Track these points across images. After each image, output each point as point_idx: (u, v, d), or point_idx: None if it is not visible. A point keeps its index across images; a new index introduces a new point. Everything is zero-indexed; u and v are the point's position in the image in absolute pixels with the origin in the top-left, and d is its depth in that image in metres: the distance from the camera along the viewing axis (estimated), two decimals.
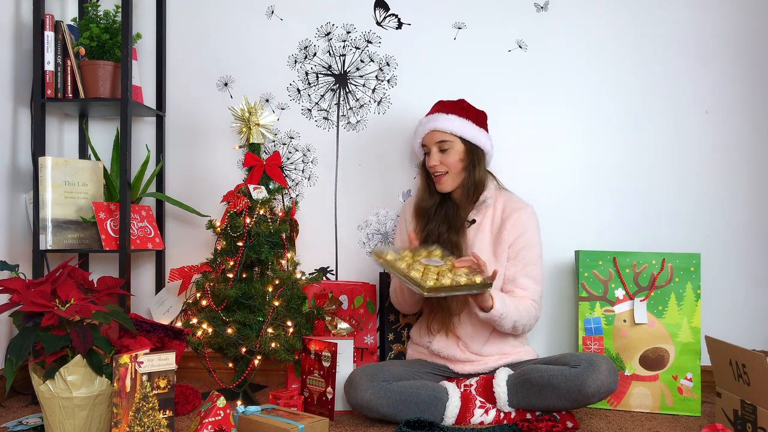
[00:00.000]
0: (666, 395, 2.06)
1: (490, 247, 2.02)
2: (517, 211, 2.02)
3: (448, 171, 2.02)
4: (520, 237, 2.00)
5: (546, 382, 1.81)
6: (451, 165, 2.02)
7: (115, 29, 2.19)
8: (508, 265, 2.00)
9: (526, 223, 2.01)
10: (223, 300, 2.04)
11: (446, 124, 2.01)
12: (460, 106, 2.05)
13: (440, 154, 2.02)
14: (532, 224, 2.02)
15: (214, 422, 1.60)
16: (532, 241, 2.01)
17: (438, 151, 2.02)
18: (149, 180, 2.33)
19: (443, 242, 2.00)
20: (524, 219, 2.02)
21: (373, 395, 1.81)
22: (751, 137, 2.36)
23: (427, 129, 2.04)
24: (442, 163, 2.02)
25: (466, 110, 2.04)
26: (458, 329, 2.00)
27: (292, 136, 2.47)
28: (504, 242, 2.01)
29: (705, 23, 2.37)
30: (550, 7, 2.41)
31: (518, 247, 2.00)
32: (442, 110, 2.04)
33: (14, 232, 2.18)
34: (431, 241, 2.01)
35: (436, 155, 2.02)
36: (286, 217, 2.18)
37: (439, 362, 2.04)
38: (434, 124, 2.02)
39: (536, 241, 2.02)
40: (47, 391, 1.62)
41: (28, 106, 2.24)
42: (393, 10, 2.45)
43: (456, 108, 2.04)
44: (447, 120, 2.01)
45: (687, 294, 2.07)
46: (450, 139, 2.01)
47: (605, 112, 2.40)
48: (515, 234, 2.00)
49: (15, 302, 1.62)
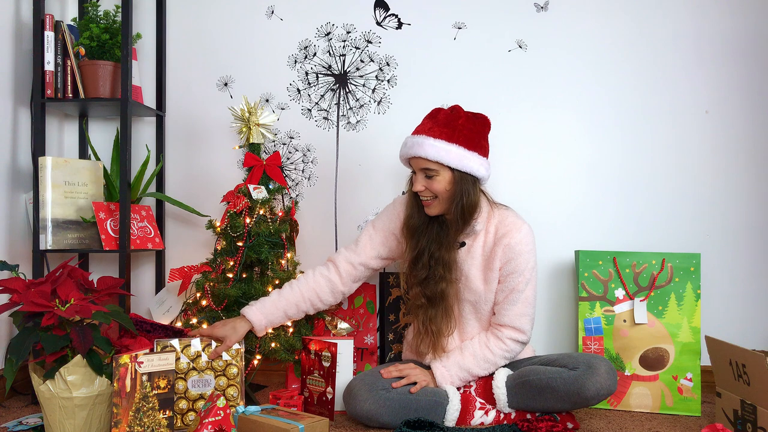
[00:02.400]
0: (666, 395, 2.06)
1: (480, 272, 1.93)
2: (508, 236, 1.88)
3: (437, 196, 1.86)
4: (510, 262, 1.88)
5: (545, 384, 1.81)
6: (439, 192, 1.85)
7: (115, 29, 2.19)
8: (497, 288, 1.91)
9: (517, 248, 1.87)
10: (223, 300, 2.04)
11: (431, 151, 1.80)
12: (452, 126, 1.83)
13: (426, 180, 1.85)
14: (524, 249, 1.88)
15: (214, 422, 1.60)
16: (522, 267, 1.88)
17: (424, 177, 1.85)
18: (149, 180, 2.33)
19: (435, 260, 1.90)
20: (515, 244, 1.87)
21: (373, 405, 1.80)
22: (751, 137, 2.36)
23: (410, 154, 1.85)
24: (428, 189, 1.86)
25: (458, 131, 1.83)
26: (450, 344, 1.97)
27: (292, 136, 2.47)
28: (494, 267, 1.90)
29: (705, 23, 2.37)
30: (550, 7, 2.41)
31: (506, 272, 1.89)
32: (430, 133, 1.83)
33: (14, 232, 2.18)
34: (422, 262, 1.91)
35: (421, 181, 1.85)
36: (286, 217, 2.18)
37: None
38: (418, 150, 1.82)
39: (527, 266, 1.88)
40: (47, 391, 1.62)
41: (28, 106, 2.24)
42: (393, 10, 2.45)
43: (447, 130, 1.83)
44: (432, 147, 1.80)
45: (687, 294, 2.07)
46: (435, 167, 1.82)
47: (605, 111, 2.40)
48: (505, 259, 1.88)
49: (15, 302, 1.62)
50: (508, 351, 1.92)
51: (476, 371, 1.91)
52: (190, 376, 1.81)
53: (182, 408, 1.80)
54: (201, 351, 1.83)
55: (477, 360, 1.91)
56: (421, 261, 1.92)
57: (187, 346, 1.82)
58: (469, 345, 1.94)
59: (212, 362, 1.83)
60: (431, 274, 1.90)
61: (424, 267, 1.91)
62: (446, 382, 1.90)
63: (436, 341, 1.92)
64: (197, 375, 1.82)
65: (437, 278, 1.89)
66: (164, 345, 1.80)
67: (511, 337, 1.91)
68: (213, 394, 1.81)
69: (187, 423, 1.80)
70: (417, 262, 1.92)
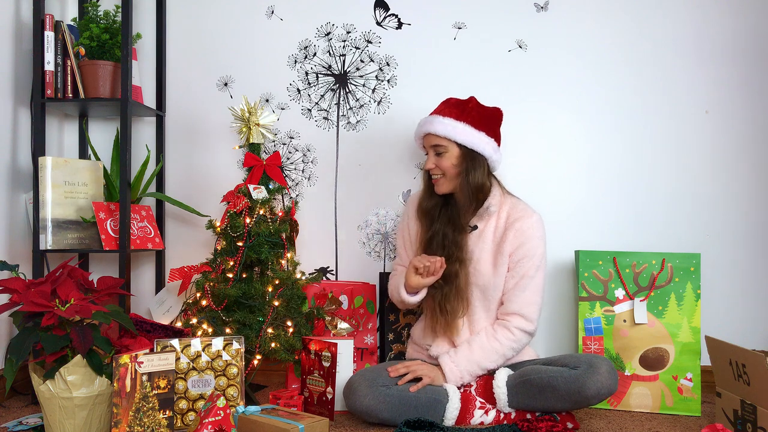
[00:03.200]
0: (666, 395, 2.06)
1: (491, 256, 1.98)
2: (520, 221, 1.95)
3: (444, 174, 1.99)
4: (521, 247, 1.94)
5: (546, 383, 1.81)
6: (446, 169, 1.97)
7: (115, 29, 2.19)
8: (507, 275, 1.96)
9: (528, 232, 1.94)
10: (223, 300, 2.04)
11: (439, 128, 1.95)
12: (462, 107, 1.97)
13: (436, 158, 1.98)
14: (535, 234, 1.95)
15: (214, 422, 1.60)
16: (532, 252, 1.94)
17: (434, 154, 1.99)
18: (149, 180, 2.33)
19: (448, 243, 1.98)
20: (526, 228, 1.94)
21: (373, 401, 1.80)
22: (751, 137, 2.36)
23: (421, 131, 2.01)
24: (438, 166, 1.98)
25: (467, 112, 1.96)
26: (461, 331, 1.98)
27: (292, 136, 2.47)
28: (504, 252, 1.95)
29: (705, 23, 2.37)
30: (550, 7, 2.41)
31: (517, 258, 1.94)
32: (440, 112, 1.98)
33: (14, 232, 2.18)
34: (436, 242, 1.99)
35: (432, 158, 2.00)
36: (286, 217, 2.18)
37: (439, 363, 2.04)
38: (428, 127, 1.97)
39: (537, 252, 1.94)
40: (47, 391, 1.62)
41: (28, 106, 2.24)
42: (393, 10, 2.45)
43: (456, 110, 1.97)
44: (441, 123, 1.95)
45: (687, 294, 2.07)
46: (444, 143, 1.96)
47: (605, 111, 2.40)
48: (516, 244, 1.94)
49: (15, 302, 1.62)
50: (515, 341, 1.93)
51: (485, 364, 1.92)
52: (190, 376, 1.81)
53: (182, 408, 1.80)
54: (201, 351, 1.83)
55: (485, 352, 1.92)
56: (435, 242, 2.00)
57: (187, 346, 1.82)
58: (476, 338, 1.95)
59: (212, 362, 1.83)
60: (445, 255, 1.96)
61: (438, 247, 1.98)
62: (455, 378, 1.90)
63: (451, 321, 1.96)
64: (197, 375, 1.82)
65: (451, 259, 1.95)
66: (164, 345, 1.80)
67: (519, 327, 1.93)
68: (213, 394, 1.81)
69: (187, 423, 1.80)
70: (431, 243, 2.00)
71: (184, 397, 1.80)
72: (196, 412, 1.80)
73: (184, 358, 1.81)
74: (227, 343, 1.85)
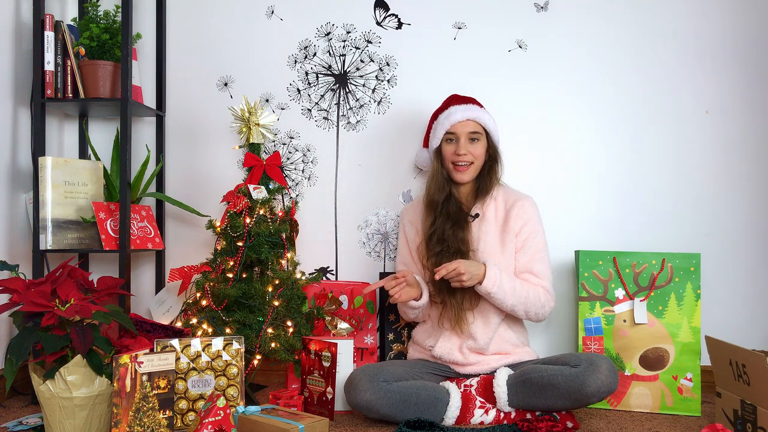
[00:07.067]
0: (666, 395, 2.06)
1: (498, 238, 2.03)
2: (519, 201, 2.05)
3: (473, 162, 2.03)
4: (526, 225, 2.02)
5: (546, 381, 1.81)
6: (478, 156, 2.03)
7: (115, 29, 2.19)
8: (518, 255, 2.02)
9: (530, 211, 2.04)
10: (223, 300, 2.04)
11: (481, 115, 2.03)
12: (477, 101, 2.09)
13: (470, 144, 2.02)
14: (535, 213, 2.06)
15: (214, 422, 1.60)
16: (537, 228, 2.04)
17: (468, 141, 2.02)
18: (149, 180, 2.33)
19: (449, 239, 2.00)
20: (527, 207, 2.04)
21: (374, 396, 1.81)
22: (751, 137, 2.36)
23: (463, 117, 2.02)
24: (470, 153, 2.02)
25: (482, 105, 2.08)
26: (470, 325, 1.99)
27: (292, 136, 2.47)
28: (510, 231, 2.02)
29: (705, 23, 2.37)
30: (550, 7, 2.41)
31: (525, 236, 2.02)
32: (470, 101, 2.06)
33: (14, 232, 2.18)
34: (436, 238, 2.02)
35: (465, 144, 2.02)
36: (286, 217, 2.18)
37: (441, 363, 2.04)
38: (471, 113, 2.02)
39: (540, 228, 2.05)
40: (47, 391, 1.62)
41: (28, 106, 2.24)
42: (393, 10, 2.45)
43: (476, 102, 2.08)
44: (479, 111, 2.03)
45: (687, 294, 2.07)
46: (481, 131, 2.03)
47: (605, 112, 2.40)
48: (521, 222, 2.02)
49: (15, 302, 1.62)
50: (537, 297, 1.98)
51: (512, 296, 1.93)
52: (190, 376, 1.81)
53: (182, 408, 1.80)
54: (201, 351, 1.83)
55: (515, 285, 1.94)
56: (435, 236, 2.03)
57: (187, 346, 1.82)
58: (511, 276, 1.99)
59: (212, 362, 1.84)
60: (445, 248, 1.99)
61: (439, 241, 2.02)
62: (493, 279, 1.90)
63: (459, 313, 1.98)
64: (197, 375, 1.82)
65: (452, 251, 1.98)
66: (164, 345, 1.80)
67: (541, 285, 2.00)
68: (213, 394, 1.82)
69: (187, 423, 1.80)
70: (431, 238, 2.04)
71: (184, 397, 1.80)
72: (196, 412, 1.80)
73: (184, 358, 1.81)
74: (227, 343, 1.85)
